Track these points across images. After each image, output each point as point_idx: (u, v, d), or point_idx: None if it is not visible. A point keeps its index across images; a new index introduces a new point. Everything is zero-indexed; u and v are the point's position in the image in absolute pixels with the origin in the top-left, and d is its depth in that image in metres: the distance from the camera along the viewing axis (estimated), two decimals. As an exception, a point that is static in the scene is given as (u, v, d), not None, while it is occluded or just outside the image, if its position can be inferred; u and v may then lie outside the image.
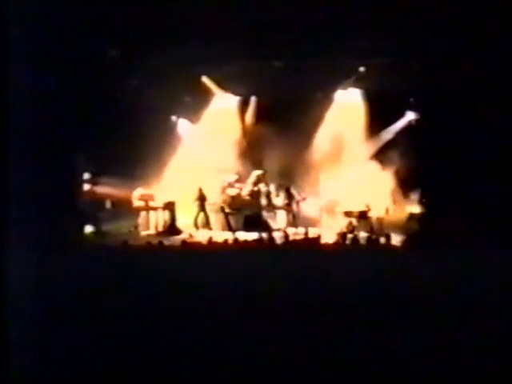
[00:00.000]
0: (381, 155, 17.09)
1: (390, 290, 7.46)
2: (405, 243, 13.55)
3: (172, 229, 16.52)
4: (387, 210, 16.20)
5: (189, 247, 13.02)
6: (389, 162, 16.70)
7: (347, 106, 17.60)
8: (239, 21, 13.62)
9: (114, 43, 15.07)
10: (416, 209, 15.83)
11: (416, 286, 7.57)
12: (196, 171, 17.19)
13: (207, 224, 16.74)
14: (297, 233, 15.73)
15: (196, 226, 16.58)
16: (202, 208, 16.76)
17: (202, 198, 16.76)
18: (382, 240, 13.83)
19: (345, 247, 12.44)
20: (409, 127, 17.19)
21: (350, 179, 16.60)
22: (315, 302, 7.06)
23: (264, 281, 7.83)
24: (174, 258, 10.43)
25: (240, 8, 13.10)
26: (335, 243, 12.68)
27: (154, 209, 16.79)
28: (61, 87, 13.32)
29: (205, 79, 17.37)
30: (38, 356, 4.92)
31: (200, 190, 16.72)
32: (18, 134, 9.22)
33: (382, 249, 12.36)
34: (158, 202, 16.87)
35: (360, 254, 11.34)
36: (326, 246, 12.71)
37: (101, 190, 16.40)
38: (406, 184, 16.11)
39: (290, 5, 13.22)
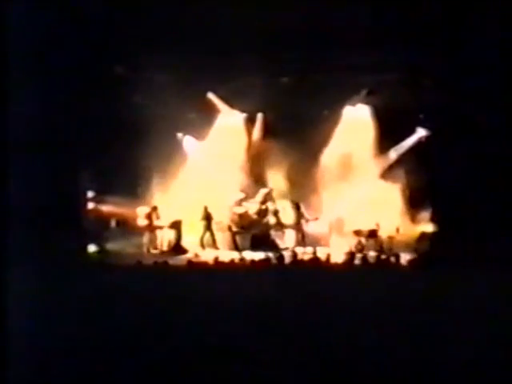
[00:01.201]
0: (391, 173, 17.10)
1: (400, 311, 7.44)
2: (415, 263, 13.49)
3: (178, 248, 16.51)
4: (397, 229, 16.12)
5: (195, 267, 13.01)
6: (399, 180, 16.70)
7: (356, 122, 17.62)
8: (245, 37, 13.72)
9: (120, 59, 15.21)
10: (427, 228, 15.78)
11: (426, 308, 7.54)
12: (202, 189, 17.21)
13: (213, 243, 16.71)
14: (305, 252, 15.68)
15: (202, 245, 16.54)
16: (208, 227, 16.73)
17: (207, 217, 16.71)
18: (392, 260, 13.78)
19: (354, 267, 12.40)
20: (419, 144, 17.22)
21: (359, 197, 16.55)
22: (323, 322, 7.06)
23: (271, 301, 7.83)
24: (180, 278, 10.43)
25: (246, 24, 13.21)
26: (344, 263, 12.65)
27: (160, 228, 16.81)
28: (65, 103, 13.43)
29: (211, 96, 17.48)
30: (40, 375, 4.96)
31: (205, 208, 16.70)
32: (20, 152, 9.34)
33: (392, 269, 12.33)
34: (164, 220, 16.92)
35: (369, 274, 11.31)
36: (335, 265, 12.67)
37: (105, 208, 16.47)
38: (416, 202, 16.07)
39: (297, 20, 13.33)
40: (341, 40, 14.07)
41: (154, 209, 16.70)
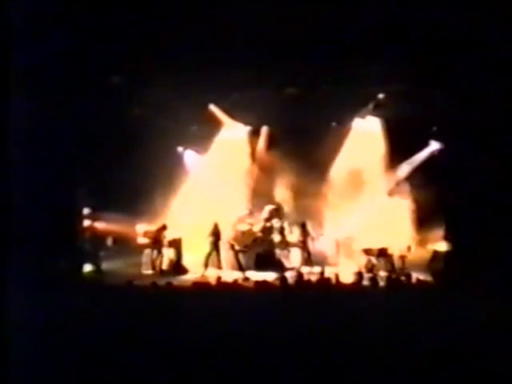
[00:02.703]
0: (402, 188, 17.12)
1: (412, 335, 7.42)
2: (429, 284, 13.47)
3: (178, 268, 16.50)
4: (409, 248, 16.12)
5: (196, 287, 12.99)
6: (410, 196, 16.71)
7: (365, 135, 17.68)
8: (249, 46, 13.78)
9: (117, 69, 15.27)
10: (440, 246, 15.76)
11: (441, 331, 7.51)
12: (204, 206, 17.24)
13: (218, 263, 16.56)
14: (312, 272, 15.67)
15: (206, 264, 16.37)
16: (215, 246, 16.66)
17: (216, 235, 16.68)
18: (404, 280, 13.77)
19: (363, 288, 12.40)
20: (432, 158, 17.25)
21: (369, 214, 16.54)
22: (332, 346, 7.05)
23: (276, 324, 7.83)
24: (180, 299, 10.42)
25: (250, 32, 13.26)
26: (353, 283, 12.67)
27: (159, 246, 16.82)
28: (59, 116, 13.45)
29: (213, 108, 17.57)
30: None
31: (216, 225, 16.57)
32: (15, 166, 9.40)
33: (404, 290, 12.31)
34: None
35: (379, 295, 11.28)
36: (343, 286, 12.67)
37: (101, 226, 16.50)
38: (429, 219, 16.04)
39: (303, 29, 13.38)
40: (349, 49, 14.10)
41: (164, 228, 16.68)
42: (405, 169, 17.54)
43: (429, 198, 15.62)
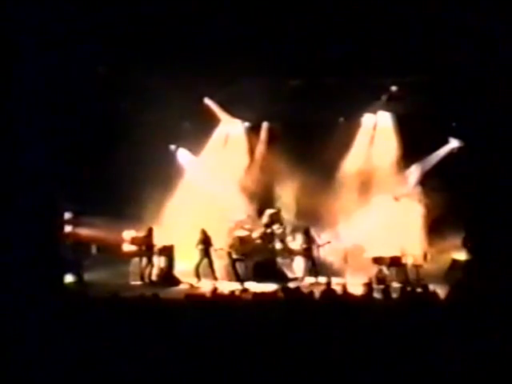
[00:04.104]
0: (417, 190, 17.10)
1: (429, 355, 7.41)
2: (447, 296, 13.46)
3: (169, 278, 16.49)
4: (425, 256, 16.12)
5: (189, 300, 13.00)
6: (426, 199, 16.69)
7: (376, 133, 17.73)
8: (247, 31, 13.77)
9: (103, 60, 15.24)
10: (460, 255, 15.75)
11: (461, 350, 7.49)
12: (197, 210, 17.24)
13: (212, 273, 16.63)
14: (317, 283, 15.65)
15: (197, 275, 16.46)
16: (206, 254, 16.65)
17: (206, 242, 16.66)
18: (419, 292, 13.77)
19: (373, 301, 12.41)
20: (451, 157, 17.22)
21: (380, 219, 16.57)
22: (337, 367, 7.05)
23: (275, 342, 7.82)
24: (171, 313, 10.44)
25: (248, 15, 13.23)
26: (362, 296, 12.66)
27: (149, 254, 16.79)
28: (38, 110, 13.40)
29: (208, 102, 17.54)
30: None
31: (203, 232, 16.64)
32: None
33: (419, 303, 12.31)
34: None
35: (392, 308, 11.29)
36: (351, 299, 12.67)
37: (84, 232, 16.47)
38: (447, 225, 16.05)
39: (306, 14, 13.34)
40: (359, 36, 14.09)
41: (150, 231, 16.66)
42: (415, 170, 17.51)
43: (447, 202, 15.64)
